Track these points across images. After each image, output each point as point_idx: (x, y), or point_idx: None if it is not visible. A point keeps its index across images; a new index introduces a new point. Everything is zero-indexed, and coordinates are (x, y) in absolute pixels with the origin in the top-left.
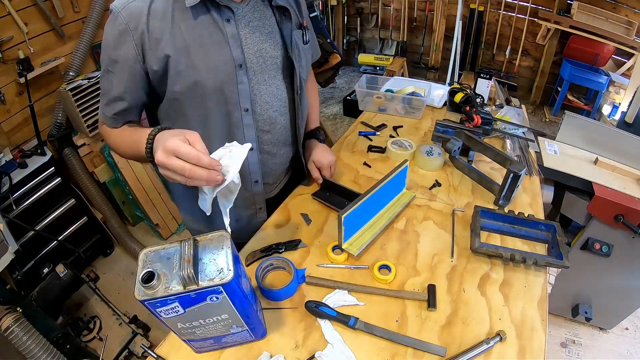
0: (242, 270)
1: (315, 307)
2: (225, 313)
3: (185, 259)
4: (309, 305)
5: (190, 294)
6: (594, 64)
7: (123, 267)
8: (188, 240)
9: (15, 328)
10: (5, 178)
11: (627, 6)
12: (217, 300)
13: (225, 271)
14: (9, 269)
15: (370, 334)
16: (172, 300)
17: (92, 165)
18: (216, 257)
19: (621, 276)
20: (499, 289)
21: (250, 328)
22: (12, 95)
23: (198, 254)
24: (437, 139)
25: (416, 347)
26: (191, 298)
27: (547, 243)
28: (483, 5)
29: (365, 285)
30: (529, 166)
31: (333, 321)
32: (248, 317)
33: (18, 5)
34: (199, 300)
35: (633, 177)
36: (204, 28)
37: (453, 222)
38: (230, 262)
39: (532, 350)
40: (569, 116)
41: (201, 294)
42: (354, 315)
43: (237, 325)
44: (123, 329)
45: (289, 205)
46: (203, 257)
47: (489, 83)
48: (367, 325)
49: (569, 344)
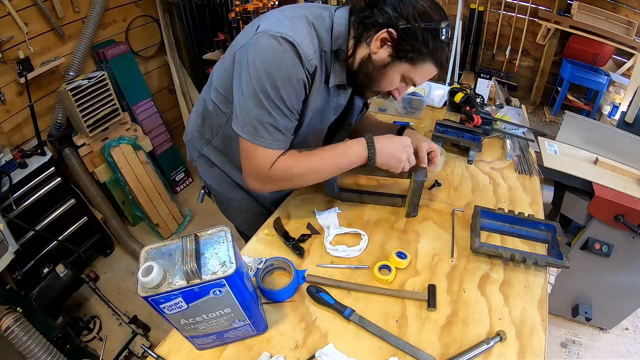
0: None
1: (315, 292)
2: (228, 307)
3: (188, 253)
4: (310, 289)
5: (194, 288)
6: (594, 64)
7: (123, 267)
8: (189, 235)
9: (15, 328)
10: (5, 178)
11: (627, 6)
12: (220, 293)
13: (227, 264)
14: (9, 269)
15: (363, 329)
16: (176, 295)
17: (92, 165)
18: (218, 251)
19: (621, 276)
20: (499, 289)
21: (252, 322)
22: (12, 95)
23: (200, 248)
24: (437, 139)
25: (406, 351)
26: (195, 292)
27: (547, 243)
28: (483, 5)
29: (365, 285)
30: (529, 166)
31: (329, 309)
32: (250, 310)
33: (18, 5)
34: (202, 294)
35: (633, 177)
36: (326, 98)
37: (453, 222)
38: (232, 255)
39: (532, 350)
40: (569, 116)
41: (204, 288)
42: (355, 309)
43: (239, 319)
44: (123, 329)
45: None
46: (205, 251)
47: (489, 83)
48: (362, 319)
49: (569, 344)
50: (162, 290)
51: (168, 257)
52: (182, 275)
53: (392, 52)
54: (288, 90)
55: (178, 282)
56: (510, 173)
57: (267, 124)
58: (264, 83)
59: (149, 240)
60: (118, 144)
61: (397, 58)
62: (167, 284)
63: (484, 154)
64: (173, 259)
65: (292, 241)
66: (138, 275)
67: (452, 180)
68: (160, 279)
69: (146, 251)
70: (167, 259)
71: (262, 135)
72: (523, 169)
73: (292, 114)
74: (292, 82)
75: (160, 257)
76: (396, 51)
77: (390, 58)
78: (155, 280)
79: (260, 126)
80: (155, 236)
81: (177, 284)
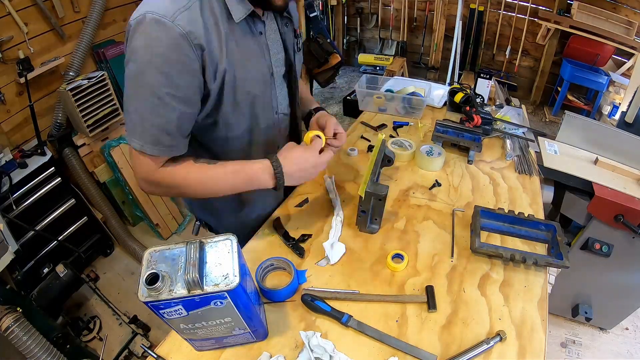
0: (246, 270)
1: (310, 301)
2: (229, 317)
3: (191, 262)
4: (305, 298)
5: (195, 298)
6: (594, 64)
7: (123, 267)
8: (194, 242)
9: (15, 328)
10: (5, 178)
11: (627, 6)
12: (222, 305)
13: (230, 277)
14: (9, 269)
15: (361, 334)
16: (176, 303)
17: (92, 165)
18: (222, 261)
19: (621, 276)
20: (499, 289)
21: (253, 330)
22: (12, 95)
23: (204, 256)
24: (437, 139)
25: (406, 351)
26: (195, 302)
27: (547, 243)
28: (483, 5)
29: (363, 294)
30: (529, 166)
31: (326, 317)
32: (251, 320)
33: (18, 5)
34: (203, 304)
35: (633, 177)
36: (247, 41)
37: (453, 222)
38: (236, 267)
39: (532, 350)
40: (569, 116)
41: (205, 299)
42: (353, 312)
43: (239, 327)
44: (123, 329)
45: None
46: (209, 260)
47: (489, 83)
48: (360, 324)
49: (569, 344)
50: (163, 297)
51: (171, 262)
52: (183, 284)
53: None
54: (176, 76)
55: (179, 291)
56: (510, 173)
57: (147, 124)
58: (139, 77)
59: (149, 241)
60: (118, 144)
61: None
62: (168, 292)
63: (484, 154)
64: (176, 264)
65: (292, 241)
66: (141, 280)
67: (452, 180)
68: (162, 286)
69: (150, 253)
70: (170, 264)
71: (136, 137)
72: (523, 169)
73: (189, 103)
74: (177, 66)
75: (164, 260)
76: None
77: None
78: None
79: (139, 127)
80: (155, 236)
81: (178, 293)
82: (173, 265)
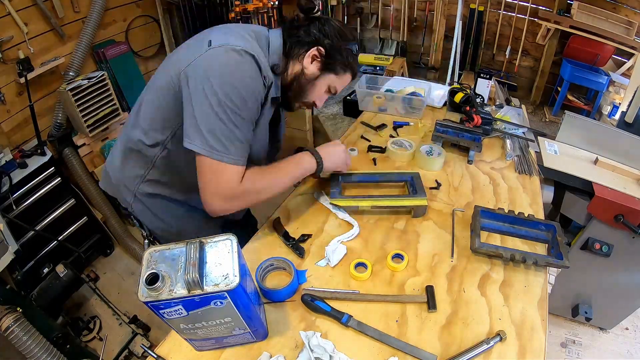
0: (246, 270)
1: (310, 301)
2: (229, 317)
3: (191, 262)
4: (305, 298)
5: (195, 298)
6: (594, 64)
7: (123, 267)
8: (194, 242)
9: (15, 328)
10: (5, 178)
11: (627, 6)
12: (222, 305)
13: (230, 277)
14: (9, 269)
15: (361, 334)
16: (176, 303)
17: (92, 165)
18: (222, 261)
19: (621, 276)
20: (499, 289)
21: (253, 331)
22: (12, 95)
23: (204, 256)
24: (437, 139)
25: (406, 351)
26: (195, 302)
27: (547, 243)
28: (483, 5)
29: (363, 294)
30: (529, 166)
31: (326, 317)
32: (251, 320)
33: (18, 5)
34: (203, 304)
35: (633, 177)
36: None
37: (453, 222)
38: (236, 267)
39: (532, 350)
40: (569, 116)
41: (205, 299)
42: (353, 312)
43: (239, 327)
44: (123, 329)
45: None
46: (209, 260)
47: (489, 83)
48: (360, 324)
49: (569, 344)
50: (163, 297)
51: (171, 262)
52: (183, 284)
53: (321, 66)
54: (251, 103)
55: (179, 291)
56: (510, 173)
57: (234, 139)
58: (228, 96)
59: None
60: None
61: (325, 71)
62: (168, 292)
63: (484, 154)
64: (176, 264)
65: (292, 241)
66: (141, 280)
67: (452, 180)
68: (162, 286)
69: (150, 253)
70: (170, 264)
71: (230, 151)
72: (523, 169)
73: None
74: (255, 95)
75: (164, 260)
76: (324, 65)
77: (320, 71)
78: (158, 289)
79: (228, 142)
80: None
81: (178, 293)
82: (173, 265)
